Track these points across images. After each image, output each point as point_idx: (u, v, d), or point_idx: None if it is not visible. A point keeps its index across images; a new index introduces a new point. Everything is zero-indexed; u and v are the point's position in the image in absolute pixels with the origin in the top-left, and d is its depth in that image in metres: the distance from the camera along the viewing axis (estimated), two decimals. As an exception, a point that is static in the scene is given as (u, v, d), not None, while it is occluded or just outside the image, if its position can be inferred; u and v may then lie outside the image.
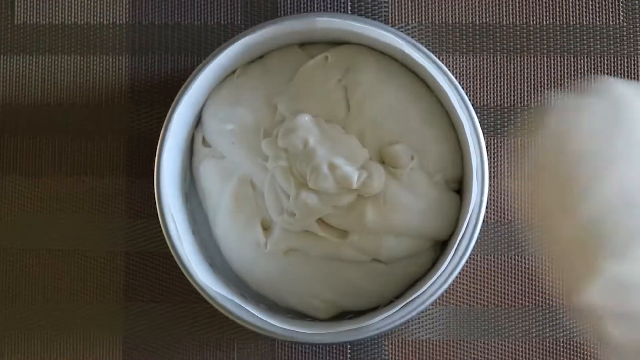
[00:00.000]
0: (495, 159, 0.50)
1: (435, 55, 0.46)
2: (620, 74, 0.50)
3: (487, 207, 0.44)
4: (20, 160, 0.50)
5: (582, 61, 0.50)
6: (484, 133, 0.46)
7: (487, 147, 0.47)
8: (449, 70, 0.45)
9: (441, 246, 0.46)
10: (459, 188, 0.46)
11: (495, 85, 0.50)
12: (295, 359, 0.49)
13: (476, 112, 0.44)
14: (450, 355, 0.50)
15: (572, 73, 0.50)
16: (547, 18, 0.50)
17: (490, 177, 0.47)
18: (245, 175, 0.45)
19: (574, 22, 0.50)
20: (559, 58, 0.50)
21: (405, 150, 0.44)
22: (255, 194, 0.45)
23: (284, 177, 0.44)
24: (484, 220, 0.44)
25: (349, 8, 0.50)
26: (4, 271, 0.50)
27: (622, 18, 0.50)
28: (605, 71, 0.50)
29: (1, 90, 0.51)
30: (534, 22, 0.50)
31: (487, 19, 0.50)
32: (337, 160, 0.43)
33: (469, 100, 0.44)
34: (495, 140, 0.50)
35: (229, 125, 0.45)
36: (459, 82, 0.47)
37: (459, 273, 0.44)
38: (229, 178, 0.45)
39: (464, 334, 0.49)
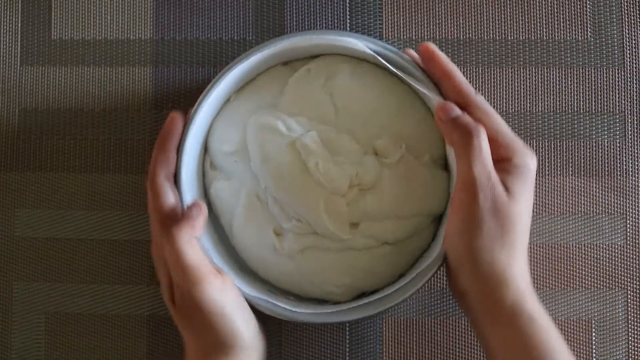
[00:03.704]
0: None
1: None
2: (587, 82, 0.51)
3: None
4: (55, 159, 0.52)
5: (553, 72, 0.51)
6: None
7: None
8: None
9: (439, 220, 0.47)
10: (446, 163, 0.47)
11: (477, 93, 0.52)
12: (300, 338, 0.51)
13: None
14: (435, 330, 0.51)
15: (545, 82, 0.51)
16: (523, 34, 0.52)
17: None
18: (251, 189, 0.46)
19: (547, 38, 0.52)
20: (533, 69, 0.51)
21: (392, 141, 0.46)
22: (262, 205, 0.46)
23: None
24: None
25: (348, 26, 0.52)
26: (44, 257, 0.51)
27: (589, 34, 0.51)
28: (575, 80, 0.51)
29: (39, 97, 0.52)
30: (511, 38, 0.52)
31: (470, 35, 0.52)
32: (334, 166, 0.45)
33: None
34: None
35: (229, 146, 0.46)
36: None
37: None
38: (237, 194, 0.46)
39: (447, 313, 0.51)
